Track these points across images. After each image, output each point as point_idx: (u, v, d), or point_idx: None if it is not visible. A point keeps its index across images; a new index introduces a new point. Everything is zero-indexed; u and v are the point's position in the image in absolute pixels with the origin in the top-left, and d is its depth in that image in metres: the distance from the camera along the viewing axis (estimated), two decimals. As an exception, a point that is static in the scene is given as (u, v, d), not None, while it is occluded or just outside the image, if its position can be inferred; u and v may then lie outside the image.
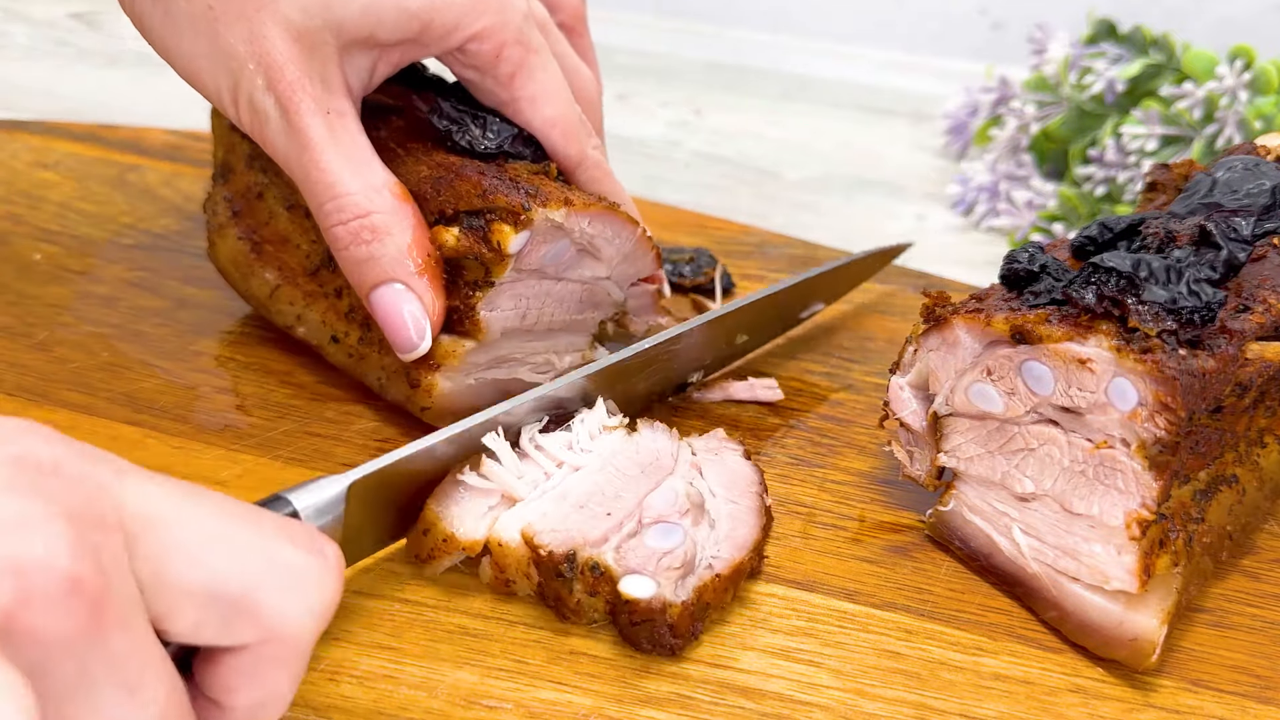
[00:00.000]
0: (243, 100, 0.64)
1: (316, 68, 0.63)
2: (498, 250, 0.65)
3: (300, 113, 0.63)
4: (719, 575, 0.57)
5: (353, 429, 0.70)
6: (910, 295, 0.89)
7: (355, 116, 0.66)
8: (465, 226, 0.65)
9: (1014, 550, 0.61)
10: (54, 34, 1.37)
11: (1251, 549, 0.67)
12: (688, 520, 0.59)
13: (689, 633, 0.56)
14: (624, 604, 0.55)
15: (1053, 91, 1.15)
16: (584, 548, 0.56)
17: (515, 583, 0.58)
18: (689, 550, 0.57)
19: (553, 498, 0.59)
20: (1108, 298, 0.55)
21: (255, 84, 0.63)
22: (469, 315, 0.67)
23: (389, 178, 0.65)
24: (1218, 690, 0.58)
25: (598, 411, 0.65)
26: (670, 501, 0.59)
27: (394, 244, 0.64)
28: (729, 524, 0.60)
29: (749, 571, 0.60)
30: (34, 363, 0.72)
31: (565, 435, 0.63)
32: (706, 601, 0.56)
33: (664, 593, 0.55)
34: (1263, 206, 0.65)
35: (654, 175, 1.17)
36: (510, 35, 0.67)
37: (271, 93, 0.63)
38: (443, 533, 0.57)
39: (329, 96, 0.64)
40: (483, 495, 0.59)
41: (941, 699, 0.56)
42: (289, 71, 0.63)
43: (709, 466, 0.63)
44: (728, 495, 0.62)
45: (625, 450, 0.63)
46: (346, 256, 0.65)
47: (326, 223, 0.65)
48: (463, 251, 0.65)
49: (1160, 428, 0.54)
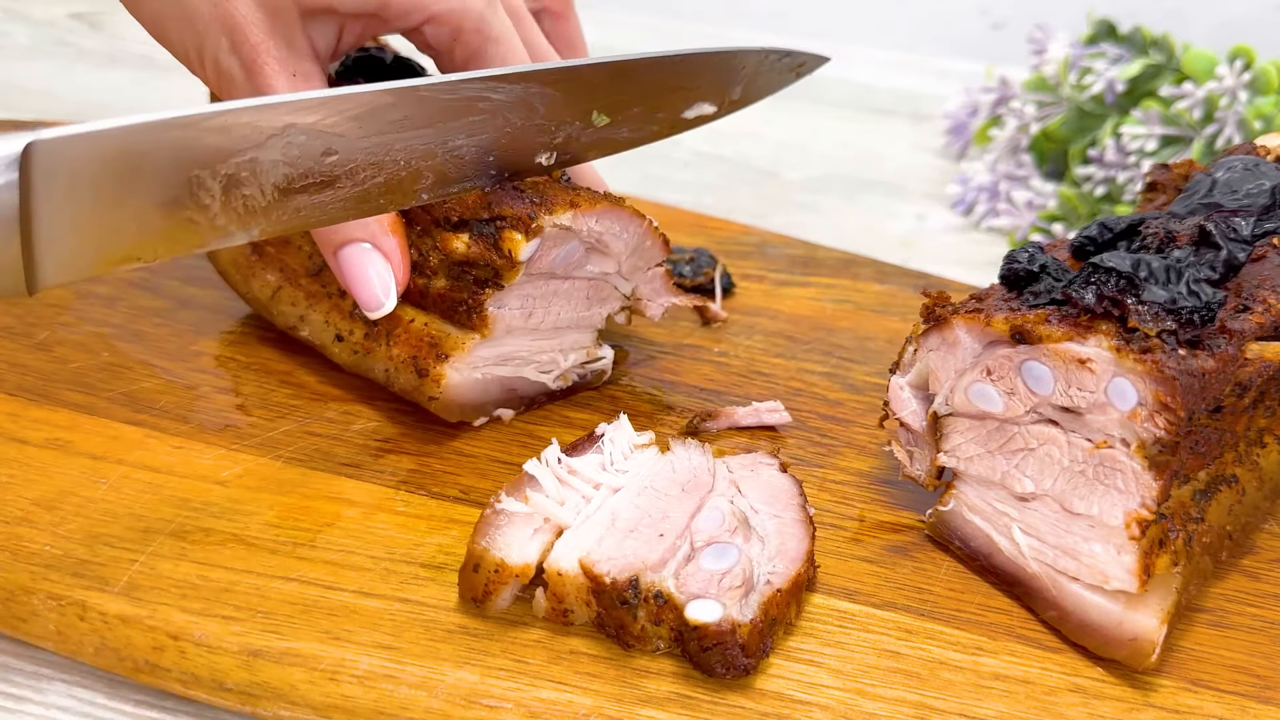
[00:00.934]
0: (209, 61, 0.65)
1: (280, 30, 0.64)
2: (509, 258, 0.65)
3: (265, 74, 0.64)
4: (779, 590, 0.56)
5: (353, 429, 0.70)
6: (910, 295, 0.89)
7: (322, 80, 0.66)
8: (475, 234, 0.66)
9: (1014, 550, 0.61)
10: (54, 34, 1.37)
11: (1251, 549, 0.67)
12: (739, 538, 0.58)
13: (759, 651, 0.55)
14: (693, 630, 0.54)
15: (1053, 91, 1.15)
16: (645, 573, 0.55)
17: (573, 612, 0.57)
18: (746, 568, 0.56)
19: (602, 522, 0.59)
20: (1108, 298, 0.56)
21: (220, 45, 0.64)
22: (477, 311, 0.67)
23: None
24: (1218, 690, 0.58)
25: (625, 429, 0.65)
26: (718, 521, 0.59)
27: None
28: (778, 538, 0.59)
29: (806, 583, 0.59)
30: (35, 362, 0.72)
31: (596, 456, 0.63)
32: (773, 617, 0.56)
33: (731, 613, 0.54)
34: (1262, 206, 0.65)
35: (654, 175, 1.17)
36: (469, 23, 0.68)
37: (236, 54, 0.64)
38: (493, 563, 0.57)
39: (294, 58, 0.65)
40: (525, 520, 0.59)
41: (941, 699, 0.56)
42: (253, 34, 0.64)
43: (746, 483, 0.63)
44: (770, 510, 0.61)
45: (662, 469, 0.63)
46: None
47: None
48: (473, 258, 0.66)
49: (1160, 428, 0.54)
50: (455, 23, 0.67)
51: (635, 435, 0.65)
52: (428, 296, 0.69)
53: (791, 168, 1.22)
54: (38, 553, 0.59)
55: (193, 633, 0.55)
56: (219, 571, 0.59)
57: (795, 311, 0.87)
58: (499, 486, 0.61)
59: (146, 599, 0.57)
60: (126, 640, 0.56)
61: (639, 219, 0.70)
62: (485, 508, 0.59)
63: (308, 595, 0.58)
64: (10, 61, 1.30)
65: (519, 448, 0.70)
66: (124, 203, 0.51)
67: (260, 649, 0.55)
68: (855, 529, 0.66)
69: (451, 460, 0.68)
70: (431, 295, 0.68)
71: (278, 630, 0.56)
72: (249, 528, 0.62)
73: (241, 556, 0.60)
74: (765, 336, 0.83)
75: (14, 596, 0.57)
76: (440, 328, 0.69)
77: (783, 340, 0.83)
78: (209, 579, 0.58)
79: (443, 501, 0.65)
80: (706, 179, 1.18)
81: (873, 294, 0.89)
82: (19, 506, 0.62)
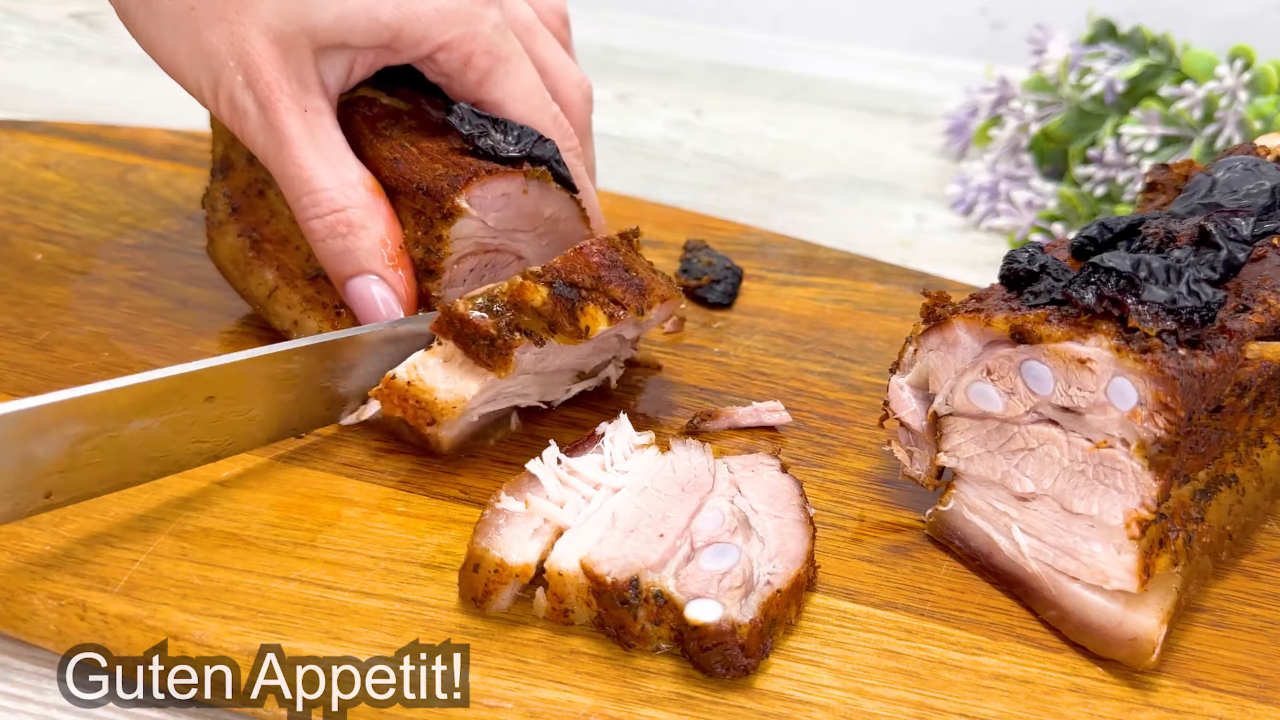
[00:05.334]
0: (223, 96, 0.67)
1: (293, 68, 0.66)
2: (580, 332, 0.64)
3: (278, 110, 0.66)
4: (779, 590, 0.56)
5: (353, 429, 0.70)
6: (910, 295, 0.89)
7: (331, 114, 0.69)
8: (556, 293, 0.64)
9: (1014, 550, 0.61)
10: (54, 34, 1.37)
11: (1251, 549, 0.67)
12: (739, 538, 0.58)
13: (760, 650, 0.55)
14: (693, 630, 0.54)
15: (1053, 91, 1.15)
16: (645, 573, 0.55)
17: (574, 612, 0.57)
18: (746, 568, 0.56)
19: (602, 522, 0.59)
20: (1108, 298, 0.56)
21: (235, 81, 0.66)
22: (503, 353, 0.63)
23: (363, 174, 0.68)
24: (1217, 690, 0.58)
25: (625, 429, 0.65)
26: (718, 522, 0.59)
27: (368, 237, 0.67)
28: (777, 539, 0.59)
29: (806, 583, 0.60)
30: (35, 362, 0.72)
31: (596, 456, 0.63)
32: (773, 617, 0.56)
33: (730, 613, 0.54)
34: (1262, 206, 0.65)
35: (654, 175, 1.17)
36: (479, 45, 0.70)
37: (251, 90, 0.66)
38: (493, 563, 0.57)
39: (306, 95, 0.67)
40: (525, 519, 0.59)
41: (941, 699, 0.56)
42: (267, 71, 0.66)
43: (747, 484, 0.63)
44: (770, 510, 0.61)
45: (662, 469, 0.63)
46: (323, 249, 0.68)
47: (303, 216, 0.68)
48: (541, 312, 0.64)
49: (1160, 427, 0.54)
50: (466, 48, 0.69)
51: (635, 435, 0.65)
52: (453, 317, 0.64)
53: (791, 168, 1.22)
54: (38, 553, 0.59)
55: (193, 633, 0.55)
56: (219, 571, 0.59)
57: (795, 311, 0.87)
58: (499, 486, 0.61)
59: (146, 599, 0.57)
60: (126, 640, 0.56)
61: (678, 300, 0.69)
62: (485, 508, 0.59)
63: (308, 595, 0.58)
64: (10, 61, 1.30)
65: (519, 448, 0.70)
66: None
67: (260, 649, 0.55)
68: (855, 529, 0.66)
69: (452, 460, 0.68)
70: (456, 316, 0.64)
71: (278, 630, 0.56)
72: (249, 528, 0.62)
73: (241, 556, 0.60)
74: (765, 336, 0.83)
75: (14, 596, 0.57)
76: (422, 389, 0.64)
77: (783, 340, 0.83)
78: (209, 579, 0.58)
79: (443, 501, 0.65)
80: (706, 179, 1.18)
81: (873, 294, 0.89)
82: (19, 506, 0.62)
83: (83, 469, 0.56)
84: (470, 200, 0.67)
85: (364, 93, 0.73)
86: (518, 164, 0.69)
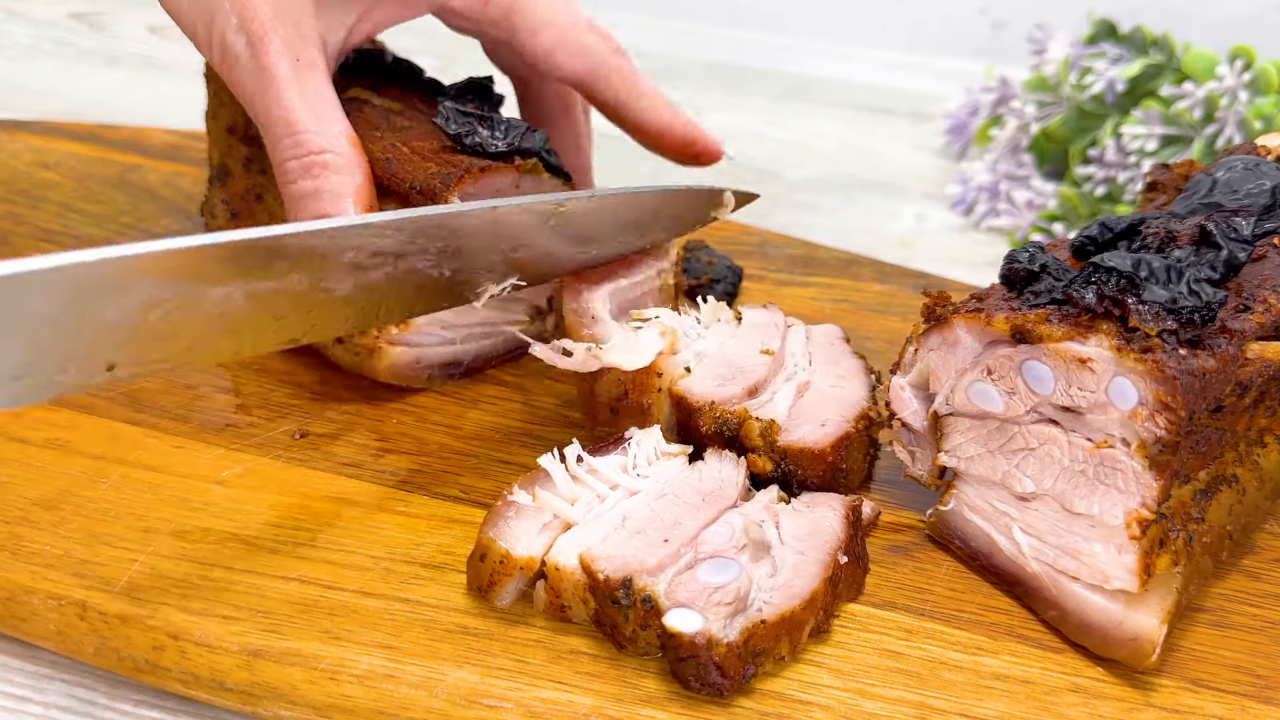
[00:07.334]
0: (216, 38, 0.66)
1: (291, 14, 0.65)
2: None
3: (268, 52, 0.65)
4: (765, 621, 0.54)
5: (353, 429, 0.70)
6: (910, 295, 0.89)
7: (325, 71, 0.67)
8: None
9: (1014, 550, 0.61)
10: (54, 34, 1.37)
11: (1251, 549, 0.67)
12: (744, 556, 0.57)
13: (738, 676, 0.54)
14: (669, 638, 0.53)
15: (1053, 91, 1.15)
16: (640, 575, 0.55)
17: (571, 608, 0.57)
18: (742, 587, 0.55)
19: (611, 522, 0.58)
20: (1108, 297, 0.55)
21: (229, 23, 0.65)
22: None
23: (348, 128, 0.67)
24: (1218, 690, 0.58)
25: (653, 435, 0.64)
26: (727, 536, 0.58)
27: (341, 181, 0.65)
28: (790, 573, 0.57)
29: (810, 627, 0.57)
30: (34, 362, 0.72)
31: (619, 458, 0.63)
32: (756, 647, 0.54)
33: (711, 629, 0.53)
34: (1263, 206, 0.64)
35: (654, 175, 1.17)
36: None
37: (243, 32, 0.65)
38: (499, 554, 0.57)
39: (300, 44, 0.66)
40: (535, 513, 0.59)
41: (942, 698, 0.56)
42: (262, 13, 0.65)
43: (790, 515, 0.61)
44: (797, 545, 0.59)
45: (688, 477, 0.62)
46: (293, 190, 0.66)
47: (280, 157, 0.66)
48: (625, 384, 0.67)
49: (1160, 427, 0.54)
50: None
51: (664, 444, 0.64)
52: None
53: (791, 168, 1.22)
54: (38, 553, 0.59)
55: (193, 633, 0.55)
56: (219, 571, 0.59)
57: (795, 311, 0.86)
58: (500, 486, 0.61)
59: (146, 599, 0.57)
60: (126, 640, 0.56)
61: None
62: (489, 506, 0.59)
63: (308, 595, 0.58)
64: (10, 61, 1.30)
65: (520, 448, 0.70)
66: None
67: (260, 649, 0.55)
68: (855, 529, 0.66)
69: (451, 460, 0.68)
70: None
71: (278, 630, 0.56)
72: (249, 527, 0.62)
73: (241, 556, 0.60)
74: (765, 336, 0.83)
75: (14, 596, 0.57)
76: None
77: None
78: (209, 579, 0.58)
79: (443, 501, 0.65)
80: (707, 179, 1.18)
81: (873, 294, 0.89)
82: (19, 506, 0.62)
83: (152, 339, 0.51)
84: (464, 197, 0.67)
85: (355, 94, 0.73)
86: (508, 158, 0.69)
